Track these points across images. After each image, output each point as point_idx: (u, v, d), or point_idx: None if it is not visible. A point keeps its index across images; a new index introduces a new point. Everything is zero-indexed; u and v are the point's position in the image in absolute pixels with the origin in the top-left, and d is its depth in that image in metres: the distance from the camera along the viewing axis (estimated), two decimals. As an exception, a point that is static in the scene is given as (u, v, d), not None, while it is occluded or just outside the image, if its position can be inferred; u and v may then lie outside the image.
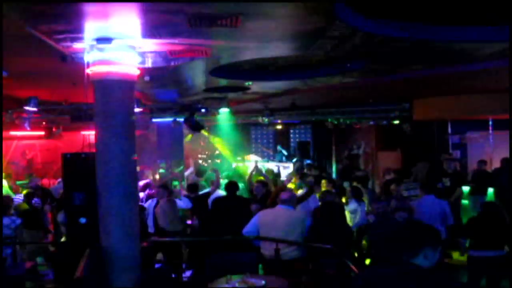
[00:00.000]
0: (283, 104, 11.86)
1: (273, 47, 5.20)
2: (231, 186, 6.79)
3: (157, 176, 11.07)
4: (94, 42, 4.46)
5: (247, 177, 10.11)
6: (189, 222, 7.41)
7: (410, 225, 2.60)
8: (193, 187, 8.01)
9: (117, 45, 4.48)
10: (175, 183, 8.75)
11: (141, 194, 8.18)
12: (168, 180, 9.25)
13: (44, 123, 11.33)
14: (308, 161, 13.90)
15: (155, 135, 12.66)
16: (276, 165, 12.62)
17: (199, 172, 10.10)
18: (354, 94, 10.25)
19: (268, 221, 5.29)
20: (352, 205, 6.82)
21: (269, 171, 11.04)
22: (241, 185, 8.33)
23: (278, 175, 11.02)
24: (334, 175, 13.81)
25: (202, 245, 6.18)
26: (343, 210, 6.13)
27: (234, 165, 13.47)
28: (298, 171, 10.92)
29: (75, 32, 4.20)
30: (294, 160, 14.26)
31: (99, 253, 4.52)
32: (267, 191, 7.27)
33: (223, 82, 7.90)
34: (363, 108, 12.26)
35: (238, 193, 6.84)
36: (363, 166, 14.05)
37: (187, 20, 3.92)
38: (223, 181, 8.39)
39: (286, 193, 5.58)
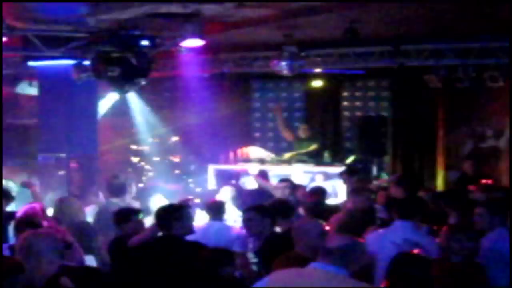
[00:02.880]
0: (326, 33, 12.11)
1: None
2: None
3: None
4: None
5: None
6: None
7: None
8: None
9: None
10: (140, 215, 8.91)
11: None
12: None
13: None
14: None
15: (36, 96, 12.96)
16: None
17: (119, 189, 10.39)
18: (494, 11, 10.39)
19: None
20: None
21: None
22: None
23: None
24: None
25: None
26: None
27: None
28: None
29: None
30: (351, 158, 14.37)
31: None
32: None
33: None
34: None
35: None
36: (506, 175, 14.17)
37: None
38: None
39: (337, 238, 5.67)
